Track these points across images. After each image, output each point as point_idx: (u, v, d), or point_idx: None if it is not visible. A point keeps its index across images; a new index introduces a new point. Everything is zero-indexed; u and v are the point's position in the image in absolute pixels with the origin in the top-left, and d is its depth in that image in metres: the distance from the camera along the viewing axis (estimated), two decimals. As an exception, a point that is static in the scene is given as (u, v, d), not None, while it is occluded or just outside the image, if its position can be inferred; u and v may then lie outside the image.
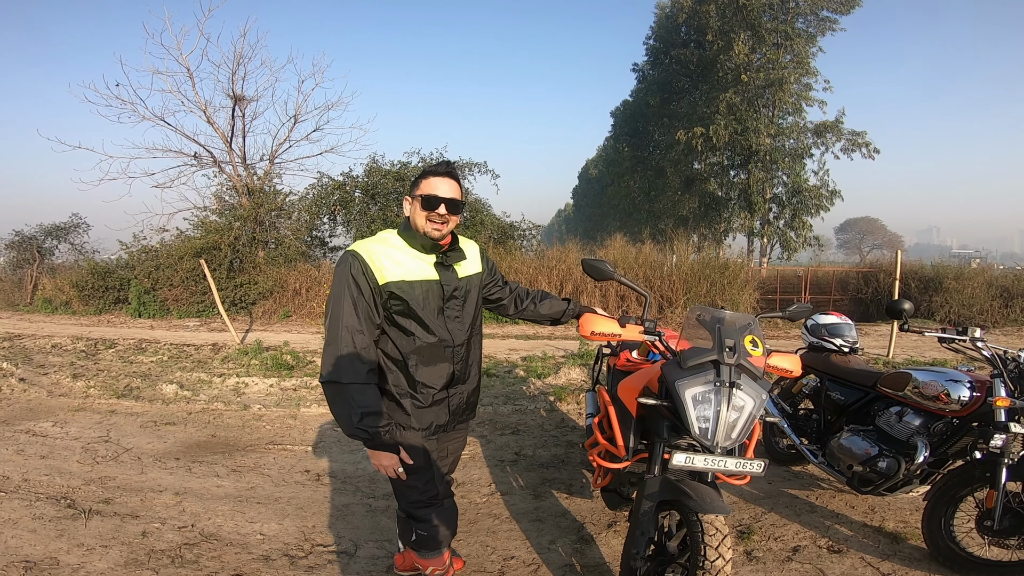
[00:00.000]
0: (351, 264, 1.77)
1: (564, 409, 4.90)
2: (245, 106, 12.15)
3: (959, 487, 2.38)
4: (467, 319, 1.95)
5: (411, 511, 1.90)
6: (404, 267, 1.81)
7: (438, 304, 1.87)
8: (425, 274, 1.85)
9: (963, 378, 2.49)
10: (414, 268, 1.83)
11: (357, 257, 1.78)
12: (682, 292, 10.69)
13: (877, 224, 62.58)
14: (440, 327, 1.87)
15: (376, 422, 1.71)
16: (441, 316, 1.88)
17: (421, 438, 1.89)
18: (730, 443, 1.70)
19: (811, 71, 24.75)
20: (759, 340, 1.84)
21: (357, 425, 1.69)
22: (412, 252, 1.85)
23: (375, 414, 1.72)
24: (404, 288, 1.79)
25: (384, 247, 1.84)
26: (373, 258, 1.78)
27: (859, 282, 13.55)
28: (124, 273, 11.66)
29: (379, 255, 1.80)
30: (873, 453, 2.65)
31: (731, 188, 26.80)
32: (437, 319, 1.86)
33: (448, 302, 1.89)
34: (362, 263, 1.77)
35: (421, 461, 1.87)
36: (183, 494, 3.23)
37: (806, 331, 3.54)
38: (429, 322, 1.84)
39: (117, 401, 5.29)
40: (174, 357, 7.28)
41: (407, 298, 1.80)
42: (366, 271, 1.76)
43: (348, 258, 1.79)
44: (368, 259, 1.78)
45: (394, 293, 1.78)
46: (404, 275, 1.80)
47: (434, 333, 1.85)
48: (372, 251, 1.80)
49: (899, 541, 2.65)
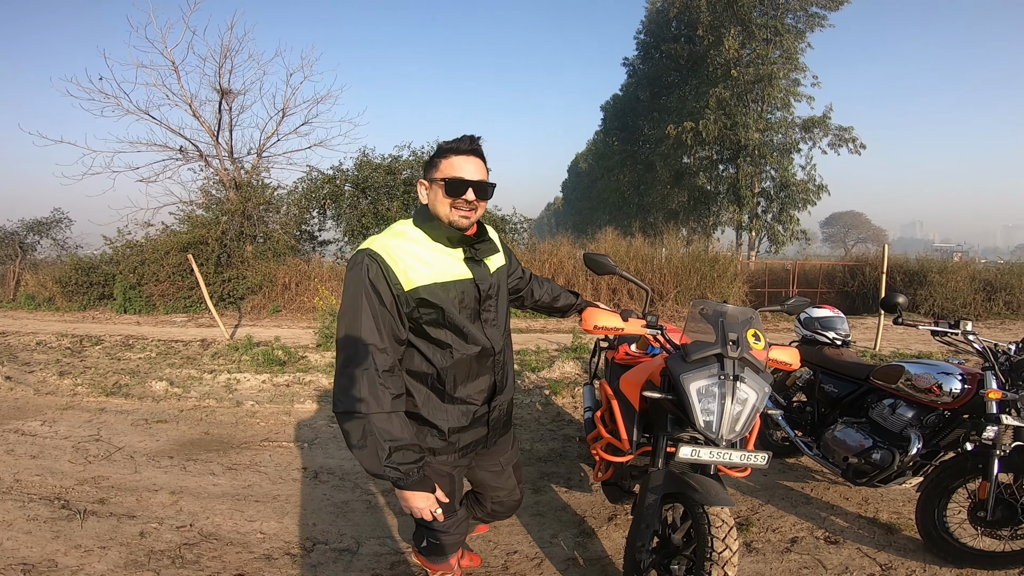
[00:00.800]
0: (368, 267, 1.47)
1: (560, 403, 4.93)
2: (232, 100, 12.00)
3: (951, 478, 2.42)
4: (502, 320, 1.73)
5: (424, 524, 1.75)
6: (433, 267, 1.53)
7: (475, 307, 1.61)
8: (458, 272, 1.57)
9: (955, 371, 2.54)
10: (445, 266, 1.55)
11: (376, 258, 1.48)
12: (673, 285, 10.76)
13: (862, 218, 63.51)
14: (479, 334, 1.62)
15: (408, 457, 1.46)
16: (478, 321, 1.63)
17: (452, 465, 1.69)
18: (734, 436, 1.72)
19: (800, 67, 24.90)
20: (761, 334, 1.87)
21: (386, 463, 1.43)
22: (438, 247, 1.56)
23: (407, 448, 1.46)
24: (437, 292, 1.52)
25: (405, 243, 1.54)
26: (395, 259, 1.49)
27: (845, 275, 13.72)
28: (109, 268, 11.47)
29: (402, 254, 1.51)
30: (867, 445, 2.70)
31: (720, 182, 26.95)
32: (475, 325, 1.61)
33: (484, 303, 1.64)
34: (383, 265, 1.47)
35: (447, 489, 1.69)
36: (179, 493, 3.20)
37: (799, 324, 3.59)
38: (468, 330, 1.59)
39: (106, 399, 5.22)
40: (162, 353, 7.18)
41: (442, 304, 1.53)
42: (388, 275, 1.47)
43: (364, 260, 1.48)
44: (390, 260, 1.48)
45: (425, 300, 1.51)
46: (435, 276, 1.52)
47: (475, 342, 1.61)
48: (393, 250, 1.51)
49: (893, 532, 2.70)
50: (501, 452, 1.85)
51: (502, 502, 1.91)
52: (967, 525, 2.41)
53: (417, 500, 1.51)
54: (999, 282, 11.90)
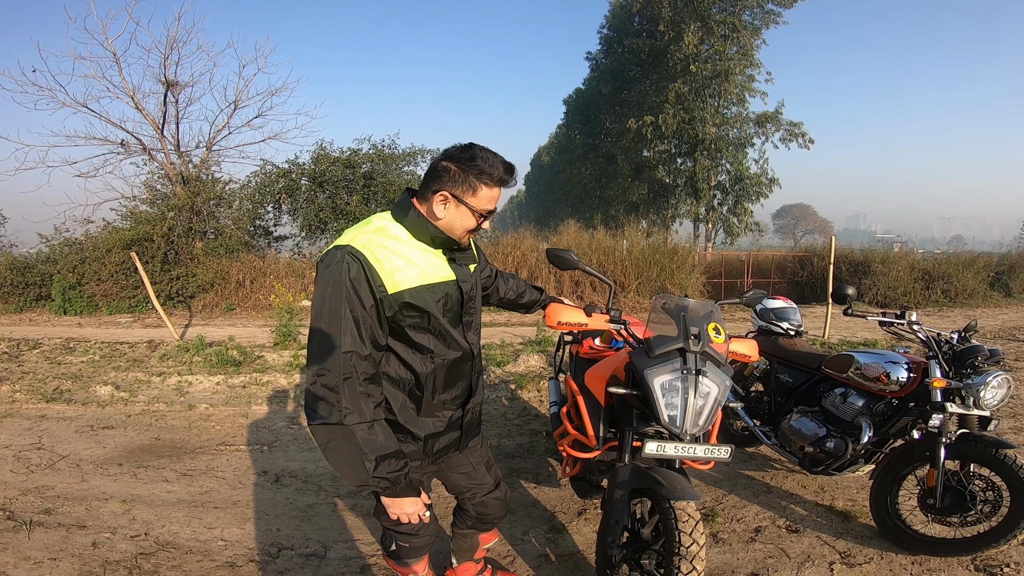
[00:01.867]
0: (349, 267, 1.35)
1: (525, 397, 4.94)
2: (179, 92, 11.44)
3: (901, 466, 2.48)
4: (479, 323, 1.68)
5: (391, 529, 1.72)
6: (419, 267, 1.44)
7: (456, 310, 1.55)
8: (443, 274, 1.50)
9: (901, 359, 2.62)
10: (430, 267, 1.47)
11: (357, 257, 1.37)
12: (634, 277, 10.95)
13: (810, 210, 66.39)
14: (461, 338, 1.56)
15: (394, 465, 1.39)
16: (460, 325, 1.57)
17: (422, 471, 1.64)
18: (697, 430, 1.74)
19: (755, 63, 25.73)
20: (721, 327, 1.90)
21: (373, 475, 1.36)
22: (420, 246, 1.47)
23: (392, 456, 1.39)
24: (423, 295, 1.44)
25: (388, 240, 1.43)
26: (380, 259, 1.39)
27: (795, 266, 14.28)
28: (46, 268, 10.75)
29: (386, 253, 1.40)
30: (821, 434, 2.78)
31: (678, 175, 27.61)
32: (457, 329, 1.55)
33: (467, 306, 1.58)
34: (365, 265, 1.37)
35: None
36: (131, 501, 3.05)
37: (755, 315, 3.69)
38: (450, 334, 1.53)
39: (47, 405, 4.91)
40: (107, 356, 6.80)
41: (427, 308, 1.45)
42: (371, 276, 1.37)
43: (343, 258, 1.36)
44: (373, 260, 1.38)
45: (410, 303, 1.42)
46: (422, 277, 1.44)
47: (457, 347, 1.55)
48: (377, 248, 1.40)
49: (850, 519, 2.78)
50: (471, 453, 1.82)
51: (483, 502, 1.88)
52: (918, 512, 2.46)
53: (406, 506, 1.46)
54: (937, 271, 12.64)
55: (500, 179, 1.45)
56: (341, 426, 1.34)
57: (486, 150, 1.45)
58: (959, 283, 12.38)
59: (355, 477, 1.38)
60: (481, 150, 1.44)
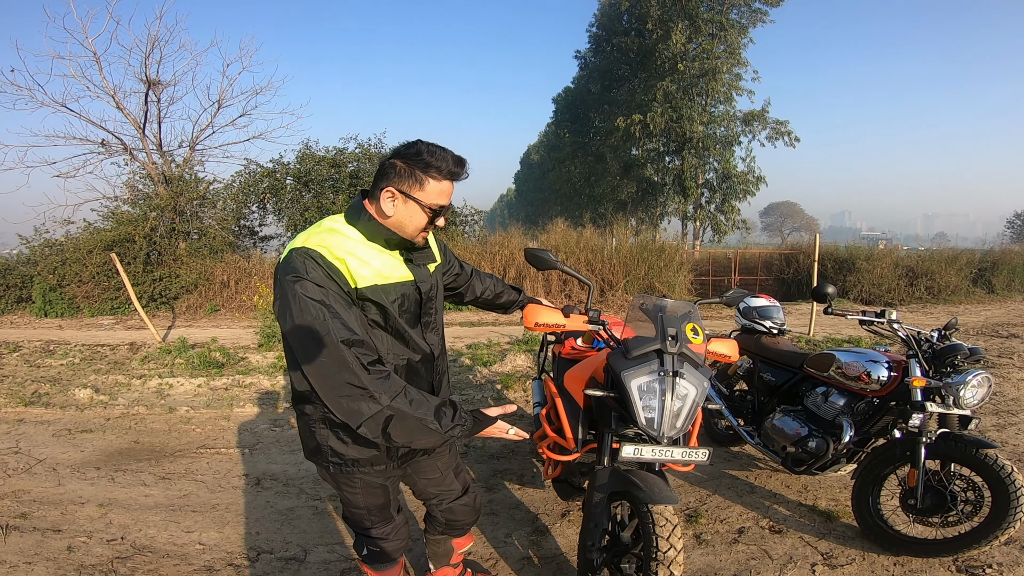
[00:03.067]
0: (309, 267, 1.33)
1: (511, 397, 4.92)
2: (160, 91, 11.29)
3: (882, 466, 2.47)
4: (440, 323, 1.66)
5: (361, 533, 1.73)
6: (372, 267, 1.42)
7: (415, 311, 1.53)
8: (398, 274, 1.47)
9: (881, 359, 2.61)
10: (384, 268, 1.44)
11: (316, 257, 1.34)
12: (622, 275, 10.98)
13: (796, 208, 67.14)
14: (420, 339, 1.55)
15: (451, 411, 1.40)
16: (419, 326, 1.56)
17: (386, 476, 1.62)
18: (675, 432, 1.72)
19: (742, 61, 25.91)
20: (699, 328, 1.87)
21: (445, 431, 1.37)
22: (375, 247, 1.44)
23: (442, 406, 1.39)
24: (378, 294, 1.42)
25: (343, 240, 1.40)
26: (336, 256, 1.37)
27: (782, 263, 14.39)
28: (26, 270, 10.55)
29: (341, 251, 1.38)
30: (803, 433, 2.77)
31: (666, 174, 27.75)
32: (415, 330, 1.54)
33: (426, 306, 1.56)
34: (326, 264, 1.35)
35: (381, 500, 1.65)
36: (108, 505, 2.99)
37: (739, 314, 3.69)
38: (408, 335, 1.50)
39: (24, 409, 4.80)
40: (87, 359, 6.68)
41: (384, 304, 1.43)
42: (335, 273, 1.35)
43: (303, 260, 1.34)
44: (331, 258, 1.36)
45: (369, 299, 1.41)
46: (375, 277, 1.41)
47: (416, 348, 1.53)
48: (333, 248, 1.37)
49: (832, 519, 2.77)
50: (439, 458, 1.79)
51: (451, 508, 1.86)
52: (900, 512, 2.44)
53: (493, 432, 1.51)
54: (920, 268, 12.81)
55: (449, 172, 1.42)
56: (385, 410, 1.32)
57: (433, 145, 1.43)
58: (942, 280, 12.56)
59: (432, 440, 1.39)
60: (428, 145, 1.43)
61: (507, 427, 1.54)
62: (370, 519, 1.68)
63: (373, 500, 1.64)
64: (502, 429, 1.53)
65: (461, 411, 1.44)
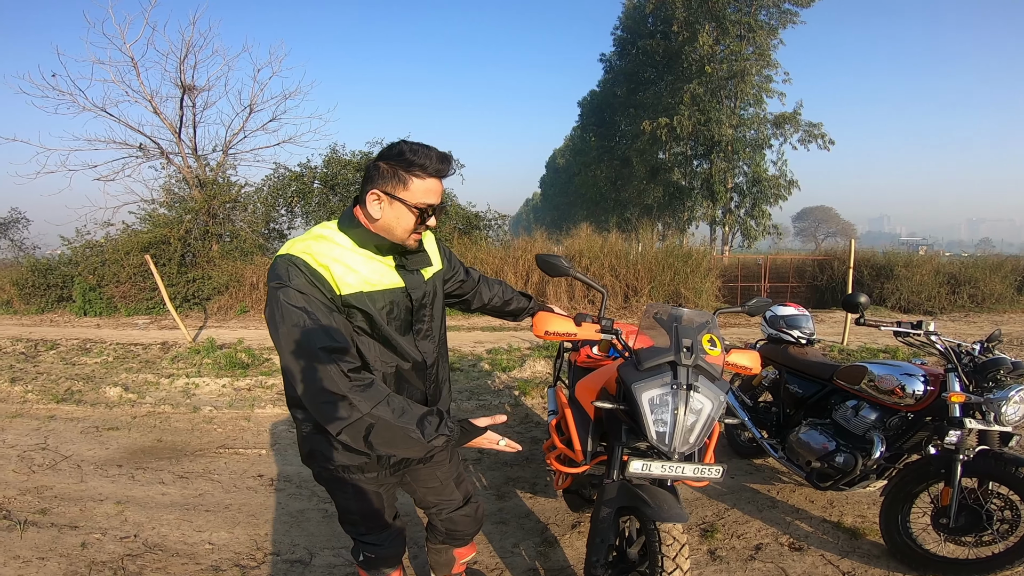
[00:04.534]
0: (292, 274, 1.32)
1: (529, 404, 4.86)
2: (196, 96, 11.62)
3: (914, 483, 2.35)
4: (437, 331, 1.61)
5: (356, 538, 1.71)
6: (359, 274, 1.39)
7: (406, 318, 1.49)
8: (387, 281, 1.44)
9: (917, 372, 2.48)
10: (372, 274, 1.41)
11: (298, 264, 1.33)
12: (647, 281, 10.78)
13: (831, 213, 65.16)
14: (410, 347, 1.50)
15: (436, 420, 1.36)
16: (410, 333, 1.51)
17: (378, 483, 1.59)
18: (688, 448, 1.64)
19: (772, 63, 25.31)
20: (717, 339, 1.78)
21: (428, 441, 1.33)
22: (365, 254, 1.42)
23: (427, 415, 1.35)
24: (364, 301, 1.39)
25: (329, 247, 1.39)
26: (321, 263, 1.35)
27: (815, 270, 13.95)
28: (67, 270, 10.99)
29: (327, 260, 1.36)
30: (830, 448, 2.65)
31: (694, 178, 27.28)
32: (406, 338, 1.49)
33: (418, 314, 1.52)
34: (307, 270, 1.33)
35: (375, 507, 1.62)
36: (125, 503, 3.05)
37: (765, 323, 3.56)
38: (397, 343, 1.46)
39: (56, 406, 4.98)
40: (120, 357, 6.90)
41: (370, 312, 1.40)
42: (318, 280, 1.33)
43: (287, 267, 1.33)
44: (315, 264, 1.34)
45: (354, 306, 1.38)
46: (361, 284, 1.38)
47: (406, 356, 1.49)
48: (318, 255, 1.35)
49: (857, 537, 2.65)
50: (438, 467, 1.74)
51: (451, 518, 1.81)
52: (931, 530, 2.34)
53: (483, 444, 1.47)
54: (963, 275, 12.22)
55: (434, 169, 1.38)
56: (365, 417, 1.29)
57: (417, 144, 1.39)
58: (986, 287, 11.95)
59: (415, 450, 1.35)
60: (410, 144, 1.39)
61: (497, 438, 1.49)
62: (364, 525, 1.65)
63: (366, 507, 1.61)
64: (492, 440, 1.48)
65: (447, 421, 1.38)
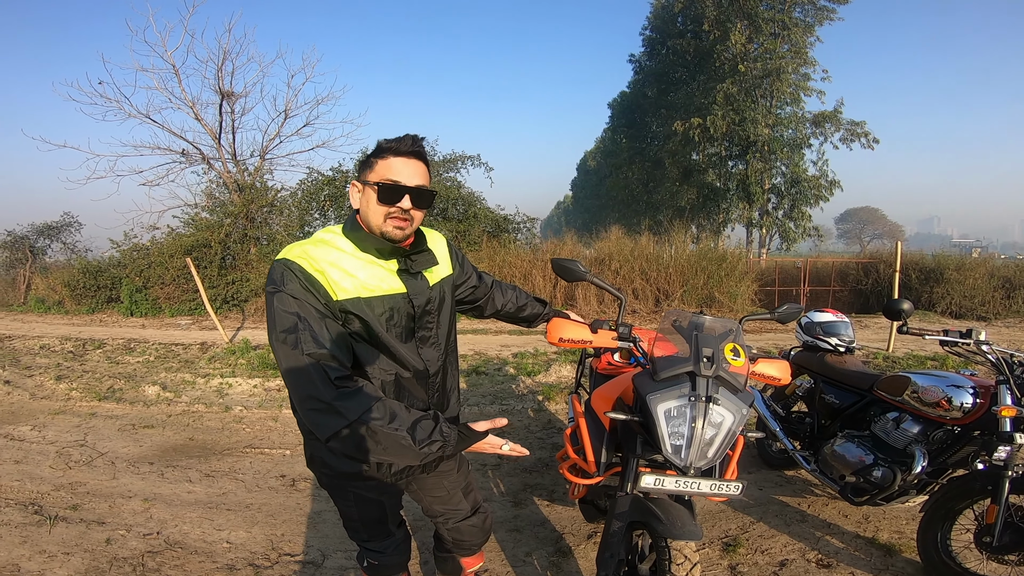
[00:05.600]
0: (286, 279, 1.30)
1: (552, 409, 4.78)
2: (234, 102, 12.03)
3: (958, 499, 2.22)
4: (443, 338, 1.55)
5: (360, 544, 1.70)
6: (356, 279, 1.36)
7: (407, 325, 1.45)
8: (387, 286, 1.40)
9: (966, 383, 2.32)
10: (370, 279, 1.38)
11: (293, 269, 1.31)
12: (679, 285, 10.54)
13: (877, 214, 62.47)
14: (411, 355, 1.45)
15: (428, 427, 1.31)
16: (412, 340, 1.47)
17: (380, 491, 1.56)
18: (705, 463, 1.55)
19: (809, 61, 24.47)
20: (741, 348, 1.68)
21: (420, 448, 1.28)
22: (366, 258, 1.40)
23: (420, 420, 1.31)
24: (360, 307, 1.35)
25: (328, 251, 1.37)
26: (318, 269, 1.33)
27: (859, 273, 13.36)
28: (116, 272, 11.55)
29: (323, 264, 1.34)
30: (868, 462, 2.51)
31: (729, 179, 26.57)
32: (407, 345, 1.45)
33: (421, 320, 1.47)
34: (302, 275, 1.31)
35: (377, 514, 1.60)
36: (152, 500, 3.14)
37: (800, 329, 3.39)
38: (397, 350, 1.42)
39: (98, 403, 5.19)
40: (161, 357, 7.16)
41: (367, 318, 1.36)
42: (313, 285, 1.31)
43: (282, 272, 1.32)
44: (312, 270, 1.32)
45: (351, 312, 1.35)
46: (358, 290, 1.35)
47: (406, 364, 1.44)
48: (315, 260, 1.34)
49: (892, 554, 2.50)
50: (446, 477, 1.70)
51: (458, 528, 1.77)
52: (972, 547, 2.21)
53: (483, 447, 1.41)
54: (1019, 279, 11.48)
55: (392, 148, 1.38)
56: (353, 425, 1.26)
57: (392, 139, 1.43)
58: (1045, 292, 11.19)
59: (408, 457, 1.31)
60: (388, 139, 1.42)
61: (500, 442, 1.43)
62: (366, 532, 1.63)
63: (368, 514, 1.59)
64: (494, 445, 1.42)
65: (442, 426, 1.33)
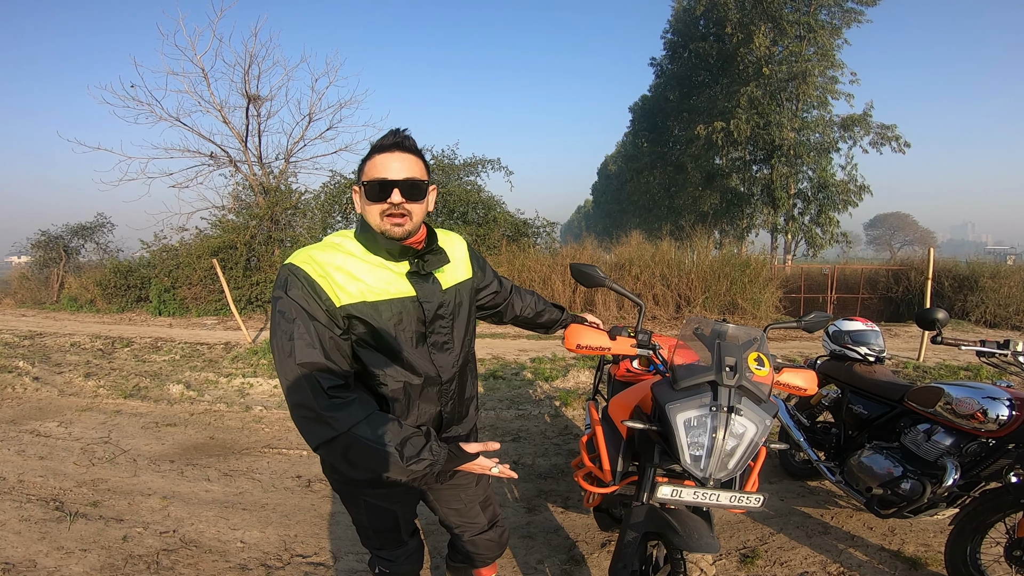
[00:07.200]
0: (290, 284, 1.29)
1: (569, 414, 4.73)
2: (260, 105, 12.24)
3: (989, 512, 2.13)
4: (458, 344, 1.49)
5: (372, 551, 1.68)
6: (362, 282, 1.32)
7: (418, 329, 1.40)
8: (394, 289, 1.36)
9: (1002, 395, 2.22)
10: (376, 282, 1.34)
11: (297, 274, 1.29)
12: (701, 291, 10.37)
13: (908, 220, 60.68)
14: (423, 361, 1.40)
15: (419, 443, 1.29)
16: (423, 345, 1.41)
17: (391, 500, 1.53)
18: (725, 474, 1.50)
19: (836, 64, 23.95)
20: (765, 358, 1.63)
21: (406, 465, 1.26)
22: (376, 260, 1.36)
23: (410, 437, 1.28)
24: (366, 311, 1.32)
25: (334, 255, 1.34)
26: (323, 274, 1.30)
27: (889, 280, 12.99)
28: (145, 272, 11.88)
29: (330, 268, 1.31)
30: (896, 474, 2.41)
31: (754, 183, 26.15)
32: (418, 350, 1.40)
33: (432, 325, 1.42)
34: (306, 280, 1.28)
35: (389, 523, 1.57)
36: (171, 498, 3.18)
37: (828, 338, 3.28)
38: (406, 356, 1.37)
39: (124, 401, 5.31)
40: (186, 356, 7.31)
41: (374, 323, 1.32)
42: (316, 290, 1.28)
43: (286, 277, 1.30)
44: (316, 275, 1.29)
45: (356, 317, 1.31)
46: (363, 293, 1.31)
47: (416, 371, 1.39)
48: (321, 264, 1.31)
49: (918, 567, 2.41)
50: (463, 490, 1.64)
51: (474, 541, 1.73)
52: (1001, 562, 2.12)
53: (474, 468, 1.41)
54: (1058, 288, 11.03)
55: (379, 147, 1.37)
56: (342, 436, 1.23)
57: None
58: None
59: (396, 472, 1.28)
60: None
61: (490, 464, 1.41)
62: (378, 540, 1.61)
63: (379, 523, 1.56)
64: (483, 466, 1.41)
65: (433, 444, 1.31)
